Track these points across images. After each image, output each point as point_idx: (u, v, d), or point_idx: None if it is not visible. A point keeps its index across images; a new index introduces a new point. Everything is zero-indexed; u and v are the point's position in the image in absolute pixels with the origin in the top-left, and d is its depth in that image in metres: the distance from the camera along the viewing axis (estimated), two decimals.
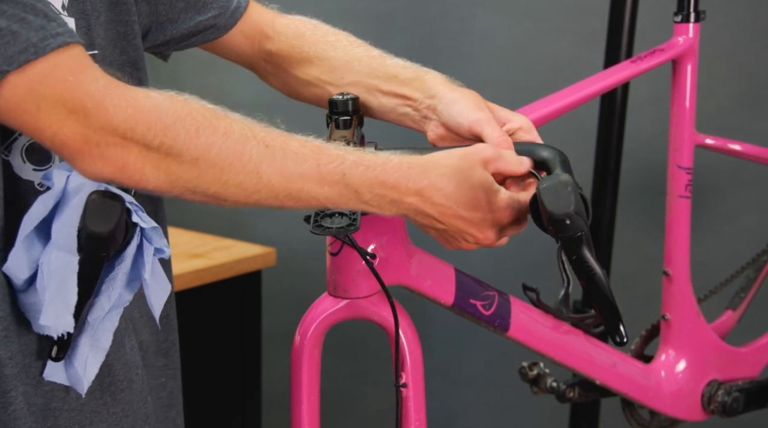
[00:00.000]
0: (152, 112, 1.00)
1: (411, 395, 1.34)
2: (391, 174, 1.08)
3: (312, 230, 1.14)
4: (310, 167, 1.05)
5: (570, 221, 1.11)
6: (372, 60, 1.34)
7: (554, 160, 1.19)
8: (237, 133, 1.04)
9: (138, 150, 1.00)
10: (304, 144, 1.07)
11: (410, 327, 1.34)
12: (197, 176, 1.02)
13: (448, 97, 1.26)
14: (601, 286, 1.18)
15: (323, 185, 1.06)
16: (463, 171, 1.12)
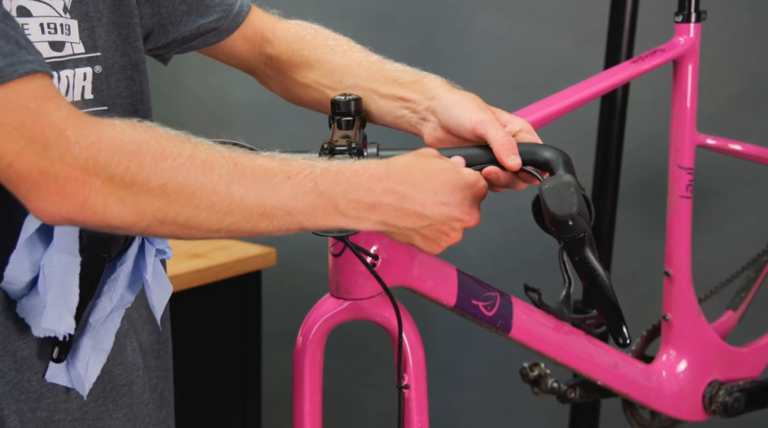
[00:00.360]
0: (115, 138, 0.96)
1: (413, 396, 1.34)
2: (363, 177, 1.06)
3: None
4: (280, 179, 1.02)
5: (573, 222, 1.10)
6: (371, 64, 1.33)
7: (557, 161, 1.18)
8: (204, 153, 0.99)
9: (100, 183, 0.95)
10: (271, 158, 1.04)
11: (413, 329, 1.34)
12: (166, 203, 0.98)
13: (448, 98, 1.26)
14: (604, 287, 1.17)
15: (296, 198, 1.03)
16: (424, 162, 1.11)
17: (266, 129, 2.78)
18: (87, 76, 1.13)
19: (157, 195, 0.97)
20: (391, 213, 1.08)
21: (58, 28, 1.09)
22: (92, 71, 1.14)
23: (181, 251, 2.32)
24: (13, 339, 1.09)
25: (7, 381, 1.09)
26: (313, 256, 2.32)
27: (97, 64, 1.14)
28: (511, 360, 2.22)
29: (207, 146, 1.01)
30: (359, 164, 1.07)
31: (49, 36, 1.08)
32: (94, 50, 1.14)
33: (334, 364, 2.27)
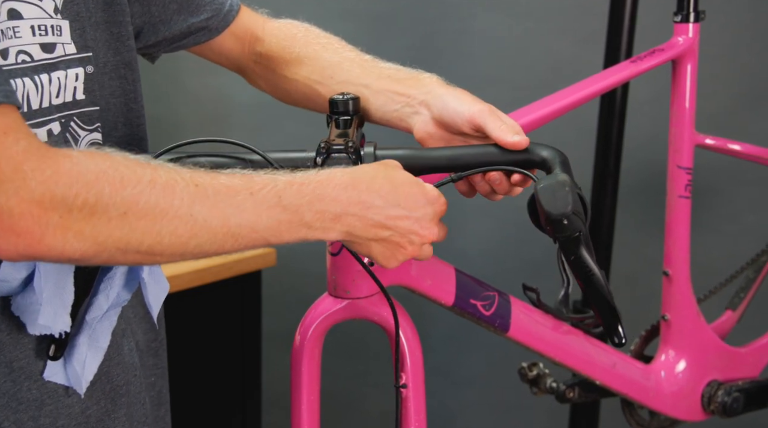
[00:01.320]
0: (73, 169, 0.93)
1: (411, 395, 1.33)
2: (328, 187, 1.05)
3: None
4: (243, 197, 1.01)
5: (568, 222, 1.10)
6: (364, 62, 1.33)
7: (554, 160, 1.18)
8: (163, 178, 0.98)
9: (58, 217, 0.93)
10: (233, 176, 1.02)
11: (411, 328, 1.34)
12: (128, 232, 0.96)
13: (443, 92, 1.26)
14: (600, 287, 1.17)
15: (260, 214, 1.01)
16: (389, 174, 1.10)
17: (266, 129, 2.79)
18: (79, 77, 1.13)
19: (117, 225, 0.95)
20: (356, 223, 1.07)
21: (49, 29, 1.09)
22: (84, 71, 1.13)
23: None
24: (8, 350, 1.09)
25: (3, 392, 1.09)
26: (313, 256, 2.32)
27: (88, 64, 1.14)
28: (509, 359, 2.22)
29: (167, 169, 0.99)
30: (323, 174, 1.06)
31: (40, 38, 1.08)
32: (85, 50, 1.14)
33: (334, 364, 2.27)
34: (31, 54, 1.07)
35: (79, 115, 1.13)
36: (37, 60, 1.07)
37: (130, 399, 1.20)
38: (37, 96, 1.07)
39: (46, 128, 1.09)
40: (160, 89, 2.93)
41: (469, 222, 2.56)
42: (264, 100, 3.01)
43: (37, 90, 1.07)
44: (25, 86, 1.06)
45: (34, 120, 1.07)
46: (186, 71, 2.89)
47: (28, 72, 1.06)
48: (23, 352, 1.10)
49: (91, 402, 1.15)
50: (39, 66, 1.07)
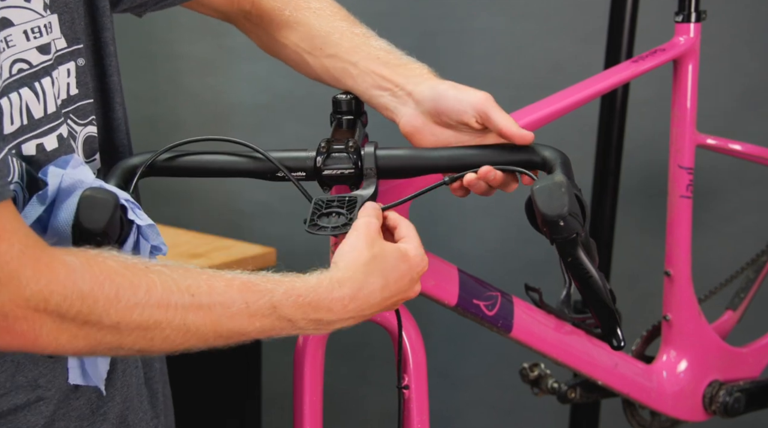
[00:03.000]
0: (68, 279, 0.94)
1: (413, 397, 1.33)
2: (324, 297, 1.06)
3: (307, 229, 1.14)
4: (239, 307, 1.02)
5: (564, 223, 1.09)
6: (354, 36, 1.30)
7: (554, 160, 1.17)
8: (160, 288, 0.99)
9: (51, 321, 0.94)
10: (230, 283, 1.03)
11: (414, 329, 1.34)
12: (119, 338, 0.98)
13: (436, 82, 1.24)
14: (597, 289, 1.16)
15: (254, 322, 1.04)
16: (377, 257, 1.09)
17: (266, 129, 2.78)
18: (71, 72, 1.11)
19: (109, 333, 0.97)
20: (352, 322, 1.10)
21: (42, 30, 1.06)
22: (75, 65, 1.12)
23: (181, 251, 2.32)
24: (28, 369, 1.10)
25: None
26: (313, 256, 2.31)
27: (79, 56, 1.12)
28: (510, 360, 2.22)
29: (164, 278, 1.00)
30: (324, 284, 1.06)
31: (35, 41, 1.05)
32: (76, 42, 1.12)
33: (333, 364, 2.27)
34: (29, 60, 1.04)
35: (75, 110, 1.12)
36: (37, 65, 1.05)
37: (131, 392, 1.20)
38: (40, 104, 1.05)
39: (56, 134, 1.08)
40: (160, 89, 2.93)
41: (469, 223, 2.56)
42: (264, 101, 3.02)
43: (39, 98, 1.05)
44: (22, 99, 1.03)
45: (41, 129, 1.06)
46: (186, 71, 2.88)
47: (27, 81, 1.04)
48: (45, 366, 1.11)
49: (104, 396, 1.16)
50: (40, 70, 1.06)
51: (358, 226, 1.12)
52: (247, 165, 1.22)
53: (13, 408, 1.08)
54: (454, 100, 1.22)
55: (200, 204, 2.99)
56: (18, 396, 1.08)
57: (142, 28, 2.94)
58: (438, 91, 1.23)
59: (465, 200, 1.31)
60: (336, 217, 1.14)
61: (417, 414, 1.33)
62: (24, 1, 1.04)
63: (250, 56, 2.79)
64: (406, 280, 1.11)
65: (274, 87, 2.76)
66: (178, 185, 2.99)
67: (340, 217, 1.14)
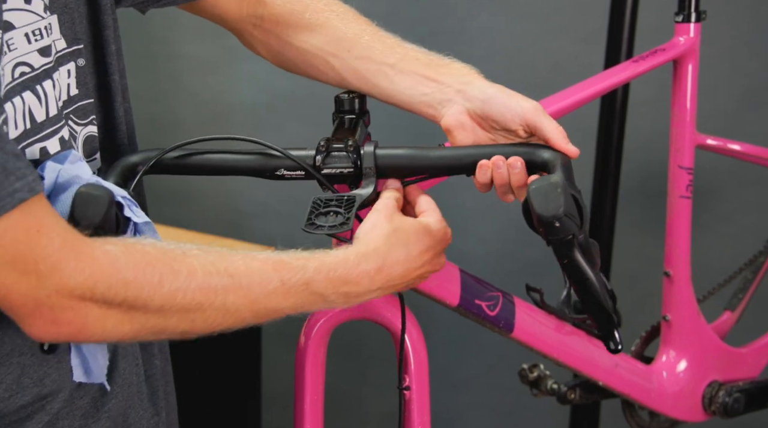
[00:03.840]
0: (111, 268, 0.97)
1: (414, 398, 1.33)
2: (352, 271, 1.08)
3: (304, 228, 1.13)
4: (275, 286, 1.05)
5: (560, 224, 1.09)
6: (386, 38, 1.30)
7: (555, 162, 1.17)
8: (200, 272, 1.01)
9: (98, 309, 0.97)
10: (265, 262, 1.05)
11: (416, 329, 1.34)
12: (164, 320, 1.01)
13: (486, 85, 1.25)
14: (594, 292, 1.16)
15: (288, 299, 1.06)
16: (398, 230, 1.12)
17: (266, 129, 2.78)
18: (71, 73, 1.11)
19: (154, 316, 1.00)
20: (378, 295, 1.13)
21: (43, 32, 1.06)
22: (75, 65, 1.12)
23: None
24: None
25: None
26: None
27: (79, 57, 1.12)
28: (510, 361, 2.21)
29: (203, 261, 1.02)
30: (351, 258, 1.09)
31: (36, 44, 1.05)
32: (76, 43, 1.12)
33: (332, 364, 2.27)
34: (31, 63, 1.04)
35: (75, 110, 1.12)
36: (38, 68, 1.05)
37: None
38: (42, 107, 1.05)
39: (57, 137, 1.07)
40: (160, 89, 2.93)
41: (470, 223, 2.56)
42: (264, 101, 3.01)
43: (41, 101, 1.05)
44: (25, 103, 1.03)
45: (44, 132, 1.06)
46: (186, 71, 2.88)
47: (29, 84, 1.04)
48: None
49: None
50: (41, 73, 1.05)
51: (378, 206, 1.15)
52: (246, 163, 1.22)
53: (19, 408, 1.08)
54: (503, 106, 1.23)
55: (200, 204, 2.99)
56: (24, 396, 1.08)
57: (143, 27, 2.94)
58: (488, 95, 1.24)
59: (466, 201, 1.31)
60: (334, 216, 1.14)
61: (418, 415, 1.33)
62: (24, 3, 1.04)
63: (251, 56, 2.78)
64: (431, 253, 1.14)
65: (274, 87, 2.76)
66: (178, 186, 2.99)
67: (338, 216, 1.14)
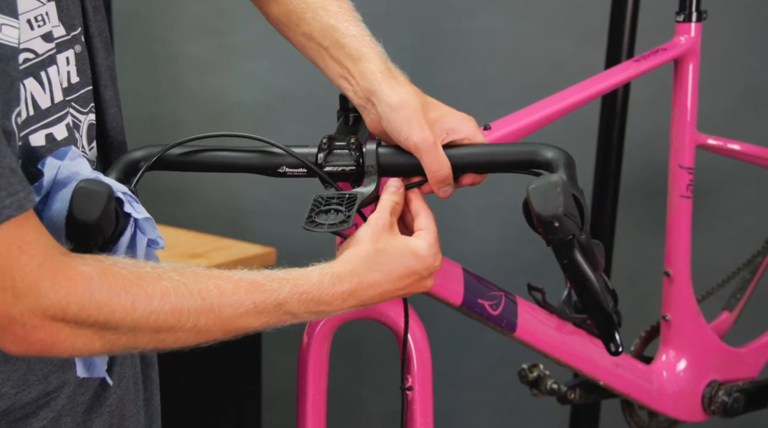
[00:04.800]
0: (85, 290, 0.98)
1: (417, 398, 1.32)
2: (326, 293, 1.09)
3: (304, 226, 1.13)
4: (247, 308, 1.06)
5: (559, 224, 1.08)
6: (326, 15, 1.25)
7: (558, 161, 1.16)
8: (173, 294, 1.02)
9: (69, 328, 0.99)
10: (237, 285, 1.07)
11: (420, 329, 1.33)
12: (134, 340, 1.02)
13: (387, 100, 1.18)
14: (594, 293, 1.15)
15: (260, 318, 1.08)
16: (382, 250, 1.11)
17: (266, 129, 2.78)
18: (70, 60, 1.11)
19: (125, 335, 1.01)
20: (353, 309, 1.13)
21: (44, 17, 1.06)
22: (74, 52, 1.12)
23: (181, 250, 2.32)
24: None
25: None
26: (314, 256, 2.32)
27: (76, 43, 1.12)
28: (512, 361, 2.22)
29: (176, 283, 1.03)
30: (326, 278, 1.09)
31: (39, 30, 1.05)
32: (72, 29, 1.12)
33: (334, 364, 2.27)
34: (35, 50, 1.04)
35: (77, 99, 1.12)
36: (42, 54, 1.05)
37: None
38: (46, 93, 1.06)
39: (64, 123, 1.08)
40: (160, 89, 2.93)
41: (471, 223, 2.56)
42: (264, 100, 3.01)
43: (44, 87, 1.05)
44: (27, 89, 1.03)
45: (49, 118, 1.06)
46: (186, 71, 2.88)
47: (32, 70, 1.04)
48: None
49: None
50: (46, 59, 1.05)
51: (372, 217, 1.14)
52: (248, 160, 1.22)
53: (25, 405, 1.09)
54: (394, 130, 1.19)
55: (200, 204, 2.99)
56: (30, 393, 1.09)
57: (143, 27, 2.94)
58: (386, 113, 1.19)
59: (468, 200, 1.31)
60: (335, 214, 1.14)
61: (420, 416, 1.32)
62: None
63: (250, 56, 2.80)
64: (414, 278, 1.13)
65: (274, 86, 2.76)
66: (177, 185, 2.99)
67: (338, 214, 1.13)
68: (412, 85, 1.21)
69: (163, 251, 2.45)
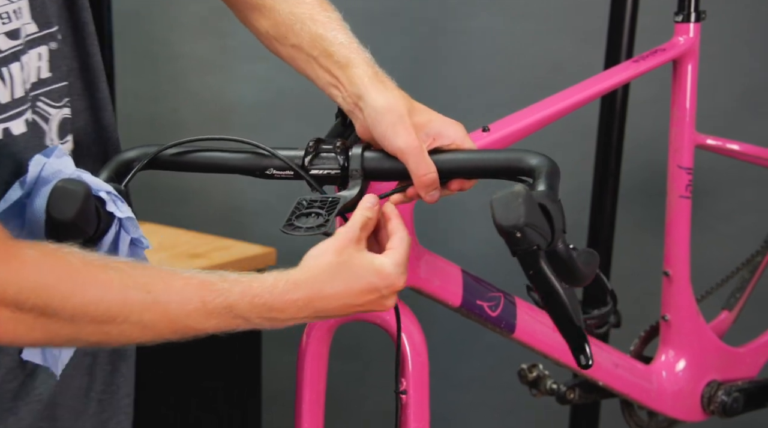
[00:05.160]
0: (24, 272, 0.96)
1: (411, 402, 1.29)
2: (279, 299, 1.06)
3: (282, 228, 1.12)
4: (195, 306, 1.03)
5: (521, 234, 1.04)
6: (314, 25, 1.25)
7: (541, 169, 1.12)
8: (116, 284, 1.00)
9: (9, 312, 0.96)
10: (187, 282, 1.04)
11: (417, 331, 1.32)
12: (76, 331, 1.00)
13: (374, 104, 1.18)
14: (561, 305, 1.11)
15: (209, 320, 1.05)
16: (345, 263, 1.08)
17: (266, 129, 2.78)
18: (42, 56, 1.11)
19: (66, 325, 0.99)
20: (309, 319, 1.10)
21: (11, 15, 1.07)
22: (48, 49, 1.12)
23: (181, 251, 2.32)
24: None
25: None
26: None
27: (51, 40, 1.12)
28: (511, 361, 2.22)
29: (121, 274, 1.01)
30: (279, 286, 1.06)
31: (3, 27, 1.06)
32: (47, 26, 1.12)
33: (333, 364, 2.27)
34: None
35: (47, 93, 1.13)
36: (5, 50, 1.06)
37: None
38: (6, 88, 1.06)
39: (23, 118, 1.08)
40: (160, 89, 2.93)
41: (469, 223, 2.56)
42: (263, 100, 3.01)
43: (5, 82, 1.06)
44: None
45: (7, 113, 1.06)
46: (187, 71, 2.89)
47: None
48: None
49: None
50: (9, 56, 1.06)
51: (340, 230, 1.11)
52: (238, 162, 1.22)
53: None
54: (380, 136, 1.18)
55: (200, 204, 2.99)
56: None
57: (143, 27, 2.94)
58: (373, 118, 1.18)
59: (467, 201, 1.31)
60: (315, 217, 1.12)
61: (415, 419, 1.28)
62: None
63: (251, 56, 2.80)
64: (374, 295, 1.10)
65: (274, 86, 2.76)
66: (178, 185, 2.99)
67: (318, 218, 1.12)
68: (399, 90, 1.20)
69: (164, 251, 2.47)
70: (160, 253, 2.27)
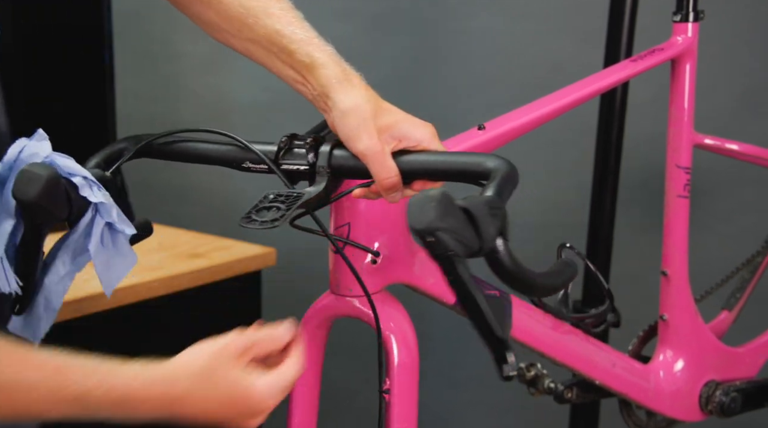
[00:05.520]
0: None
1: (395, 402, 1.27)
2: (134, 394, 1.02)
3: (240, 222, 1.12)
4: (41, 393, 0.99)
5: (435, 238, 1.01)
6: (269, 19, 1.22)
7: (495, 173, 1.09)
8: None
9: None
10: (41, 366, 1.00)
11: (408, 329, 1.31)
12: None
13: (340, 105, 1.17)
14: (480, 315, 1.10)
15: (57, 408, 1.00)
16: (214, 372, 1.06)
17: (266, 129, 2.79)
18: None
19: None
20: (167, 418, 1.06)
21: None
22: None
23: (181, 251, 2.32)
24: None
25: None
26: (313, 256, 2.32)
27: None
28: None
29: None
30: (139, 377, 1.02)
31: None
32: None
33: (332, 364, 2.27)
34: None
35: None
36: None
37: None
38: None
39: None
40: (160, 89, 2.93)
41: None
42: (263, 100, 3.01)
43: None
44: None
45: None
46: (186, 70, 2.89)
47: None
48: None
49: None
50: None
51: (225, 337, 1.10)
52: (218, 153, 1.25)
53: None
54: (345, 136, 1.17)
55: (200, 204, 2.99)
56: None
57: (143, 27, 2.94)
58: (339, 118, 1.17)
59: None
60: (274, 211, 1.13)
61: (398, 421, 1.26)
62: None
63: None
64: (235, 411, 1.07)
65: (274, 86, 2.75)
66: (178, 185, 2.99)
67: (277, 212, 1.12)
68: (367, 89, 1.18)
69: (164, 251, 2.46)
70: (160, 253, 2.27)
